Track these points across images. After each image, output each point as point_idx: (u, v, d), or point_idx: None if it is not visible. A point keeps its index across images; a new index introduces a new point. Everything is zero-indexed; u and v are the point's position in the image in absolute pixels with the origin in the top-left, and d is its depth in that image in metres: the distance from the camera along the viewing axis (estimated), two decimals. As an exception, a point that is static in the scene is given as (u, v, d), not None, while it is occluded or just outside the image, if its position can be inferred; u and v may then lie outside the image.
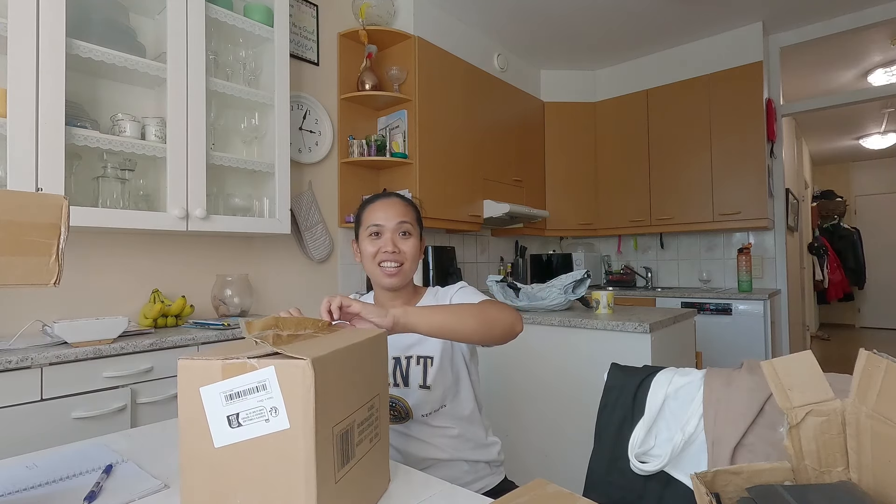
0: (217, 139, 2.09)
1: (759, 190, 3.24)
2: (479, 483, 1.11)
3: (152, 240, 1.97)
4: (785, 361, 0.52)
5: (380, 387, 0.67)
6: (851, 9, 3.14)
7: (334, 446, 0.54)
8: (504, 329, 0.94)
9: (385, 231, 1.09)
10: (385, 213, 1.10)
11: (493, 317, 0.92)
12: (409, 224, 1.10)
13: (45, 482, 0.71)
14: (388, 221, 1.09)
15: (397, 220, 1.09)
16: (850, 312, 7.38)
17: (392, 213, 1.09)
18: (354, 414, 0.59)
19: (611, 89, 3.93)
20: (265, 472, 0.52)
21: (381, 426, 0.67)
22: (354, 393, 0.60)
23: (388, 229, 1.09)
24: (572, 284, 2.14)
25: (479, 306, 0.93)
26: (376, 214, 1.10)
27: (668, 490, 0.89)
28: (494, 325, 0.92)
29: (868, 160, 7.34)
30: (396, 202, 1.12)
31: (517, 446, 2.12)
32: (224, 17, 1.97)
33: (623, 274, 3.97)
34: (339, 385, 0.56)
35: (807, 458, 0.51)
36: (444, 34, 2.95)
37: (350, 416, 0.58)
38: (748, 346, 2.99)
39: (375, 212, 1.10)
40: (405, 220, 1.09)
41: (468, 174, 3.07)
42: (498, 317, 0.93)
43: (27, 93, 1.46)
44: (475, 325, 0.89)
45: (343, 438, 0.56)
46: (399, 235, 1.09)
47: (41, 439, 1.30)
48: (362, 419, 0.61)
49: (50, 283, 0.58)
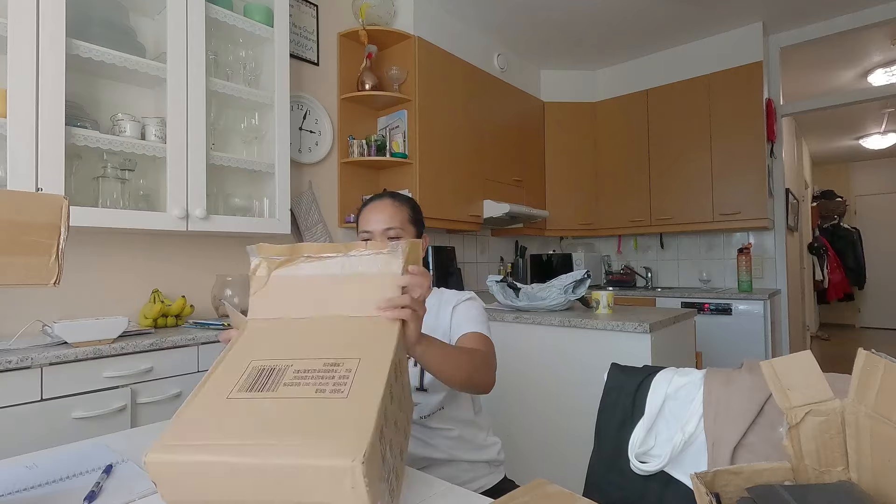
0: (217, 139, 2.09)
1: (759, 190, 3.23)
2: (478, 482, 1.11)
3: (152, 240, 1.97)
4: (784, 361, 0.52)
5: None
6: (851, 9, 3.14)
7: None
8: (478, 388, 0.99)
9: (374, 237, 1.12)
10: (374, 217, 1.12)
11: (476, 376, 0.96)
12: (395, 229, 1.11)
13: (45, 482, 0.71)
14: (377, 226, 1.11)
15: (384, 226, 1.11)
16: (850, 312, 7.37)
17: (380, 217, 1.12)
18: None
19: (611, 89, 3.93)
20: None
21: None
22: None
23: (375, 235, 1.11)
24: (572, 284, 2.14)
25: (470, 358, 0.95)
26: (367, 220, 1.13)
27: (668, 490, 0.89)
28: (473, 382, 0.96)
29: (868, 160, 7.34)
30: (385, 207, 1.13)
31: (517, 446, 2.12)
32: (224, 17, 1.97)
33: (623, 274, 3.97)
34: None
35: (806, 458, 0.51)
36: (444, 34, 2.95)
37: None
38: (748, 346, 2.99)
39: (367, 217, 1.13)
40: (391, 226, 1.11)
41: (468, 174, 3.07)
42: (480, 377, 0.97)
43: (27, 93, 1.46)
44: (459, 378, 0.91)
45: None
46: (387, 240, 1.11)
47: (41, 439, 1.30)
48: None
49: (50, 283, 0.58)
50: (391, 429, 0.55)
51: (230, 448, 0.47)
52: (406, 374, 0.69)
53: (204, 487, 0.48)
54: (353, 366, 0.55)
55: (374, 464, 0.46)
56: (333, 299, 0.67)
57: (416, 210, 1.19)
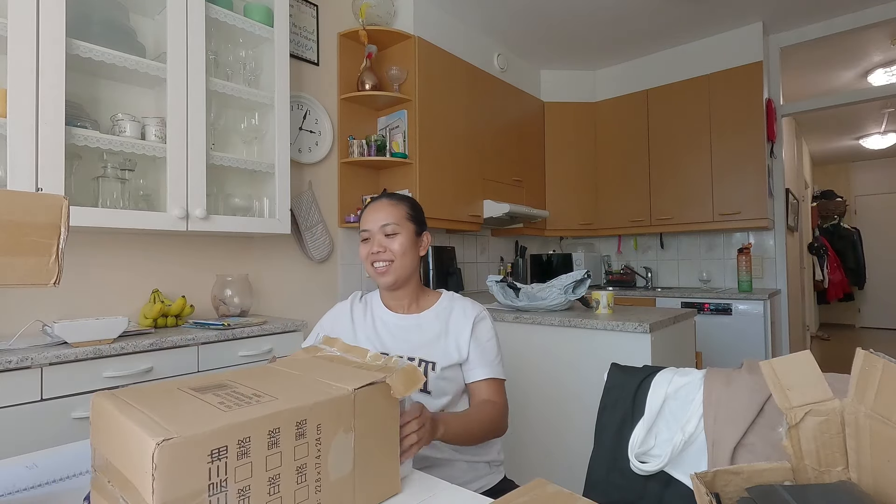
0: (217, 139, 2.09)
1: (759, 190, 3.24)
2: (478, 482, 1.11)
3: (152, 240, 1.97)
4: (784, 361, 0.52)
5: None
6: (851, 9, 3.14)
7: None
8: (488, 439, 1.08)
9: (372, 235, 1.15)
10: (373, 216, 1.16)
11: (490, 435, 1.07)
12: (391, 225, 1.14)
13: (45, 482, 0.71)
14: (374, 225, 1.15)
15: (381, 223, 1.14)
16: (850, 312, 7.37)
17: (377, 216, 1.15)
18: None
19: (611, 89, 3.93)
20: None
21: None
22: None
23: (374, 233, 1.15)
24: (572, 284, 2.14)
25: (481, 425, 1.02)
26: (366, 220, 1.17)
27: (668, 490, 0.89)
28: (488, 439, 1.08)
29: (868, 160, 7.34)
30: (383, 206, 1.16)
31: (517, 445, 2.13)
32: (224, 17, 1.97)
33: (623, 274, 3.97)
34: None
35: (806, 458, 0.51)
36: (444, 34, 2.95)
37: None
38: (748, 346, 2.99)
39: (366, 217, 1.17)
40: (387, 222, 1.14)
41: (468, 174, 3.07)
42: (494, 435, 1.08)
43: (27, 93, 1.46)
44: (477, 442, 1.04)
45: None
46: (384, 236, 1.14)
47: (41, 439, 1.30)
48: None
49: (50, 283, 0.58)
50: (261, 459, 0.53)
51: (130, 409, 0.53)
52: (344, 453, 0.61)
53: (101, 432, 0.56)
54: (267, 400, 0.57)
55: (184, 458, 0.47)
56: (326, 371, 0.71)
57: (415, 208, 1.20)
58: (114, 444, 0.53)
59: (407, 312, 1.18)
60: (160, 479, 0.45)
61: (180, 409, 0.54)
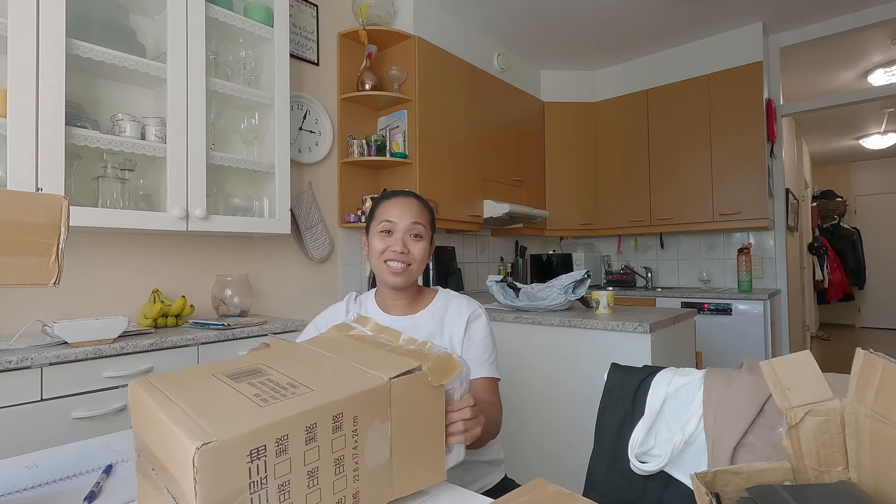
0: (217, 139, 2.09)
1: (759, 190, 3.24)
2: (478, 482, 1.11)
3: (152, 240, 1.97)
4: (784, 361, 0.52)
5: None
6: (851, 9, 3.14)
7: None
8: (486, 441, 1.01)
9: (397, 230, 1.08)
10: (400, 210, 1.09)
11: (488, 436, 0.99)
12: (421, 226, 1.09)
13: (45, 482, 0.71)
14: (402, 220, 1.08)
15: (411, 219, 1.08)
16: (850, 312, 7.37)
17: (407, 212, 1.09)
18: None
19: (611, 89, 3.93)
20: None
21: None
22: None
23: (400, 228, 1.08)
24: (572, 284, 2.14)
25: (489, 423, 0.94)
26: (391, 211, 1.09)
27: (668, 490, 0.89)
28: (486, 440, 0.99)
29: (868, 160, 7.34)
30: (413, 202, 1.11)
31: (517, 445, 2.13)
32: (224, 17, 1.97)
33: (623, 274, 3.97)
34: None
35: (806, 458, 0.51)
36: (444, 34, 2.95)
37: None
38: (748, 346, 2.99)
39: (390, 208, 1.10)
40: (419, 220, 1.09)
41: (468, 174, 3.07)
42: (489, 438, 1.01)
43: (27, 93, 1.46)
44: (481, 441, 0.92)
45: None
46: (410, 236, 1.09)
47: (41, 439, 1.30)
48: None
49: (50, 283, 0.58)
50: (311, 456, 0.53)
51: (167, 403, 0.53)
52: (380, 440, 0.61)
53: (141, 422, 0.57)
54: (303, 392, 0.56)
55: (224, 460, 0.47)
56: (360, 354, 0.70)
57: (433, 215, 1.18)
58: (154, 436, 0.53)
59: (402, 313, 1.16)
60: (202, 482, 0.45)
61: (217, 405, 0.53)
